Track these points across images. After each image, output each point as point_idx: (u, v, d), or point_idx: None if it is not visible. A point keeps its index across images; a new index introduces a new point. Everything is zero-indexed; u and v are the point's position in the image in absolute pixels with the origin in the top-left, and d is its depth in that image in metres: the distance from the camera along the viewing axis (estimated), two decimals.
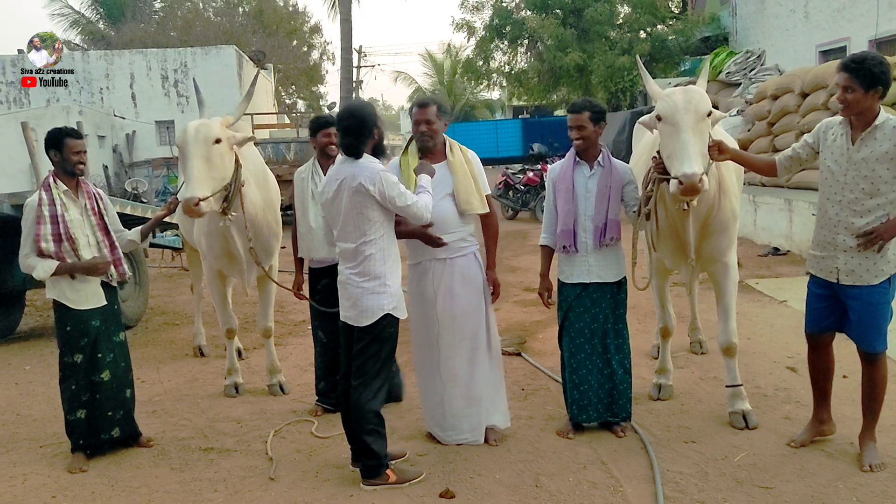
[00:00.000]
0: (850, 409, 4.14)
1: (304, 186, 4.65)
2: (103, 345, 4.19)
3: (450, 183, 4.02)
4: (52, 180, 4.11)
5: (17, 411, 5.19)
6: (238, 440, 4.42)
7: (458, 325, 4.08)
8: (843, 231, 3.56)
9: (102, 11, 31.26)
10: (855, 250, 3.54)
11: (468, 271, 4.10)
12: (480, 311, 4.14)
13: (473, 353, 4.12)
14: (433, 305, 4.07)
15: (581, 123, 4.05)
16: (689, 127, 3.57)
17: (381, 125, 3.72)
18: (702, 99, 3.68)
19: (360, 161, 3.58)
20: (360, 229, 3.58)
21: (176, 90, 22.70)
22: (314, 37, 35.26)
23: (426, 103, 4.06)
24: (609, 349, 4.16)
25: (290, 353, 6.29)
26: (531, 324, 6.83)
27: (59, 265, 4.04)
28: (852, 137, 3.54)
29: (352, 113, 3.65)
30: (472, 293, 4.10)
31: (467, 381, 4.10)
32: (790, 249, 9.42)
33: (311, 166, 4.69)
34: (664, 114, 3.67)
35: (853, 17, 13.36)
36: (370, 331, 3.62)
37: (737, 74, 15.74)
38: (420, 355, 4.25)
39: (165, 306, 8.74)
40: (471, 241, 4.14)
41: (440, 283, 4.05)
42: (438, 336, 4.09)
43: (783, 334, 5.97)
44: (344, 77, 19.62)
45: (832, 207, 3.60)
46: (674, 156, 3.58)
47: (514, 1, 22.08)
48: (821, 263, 3.71)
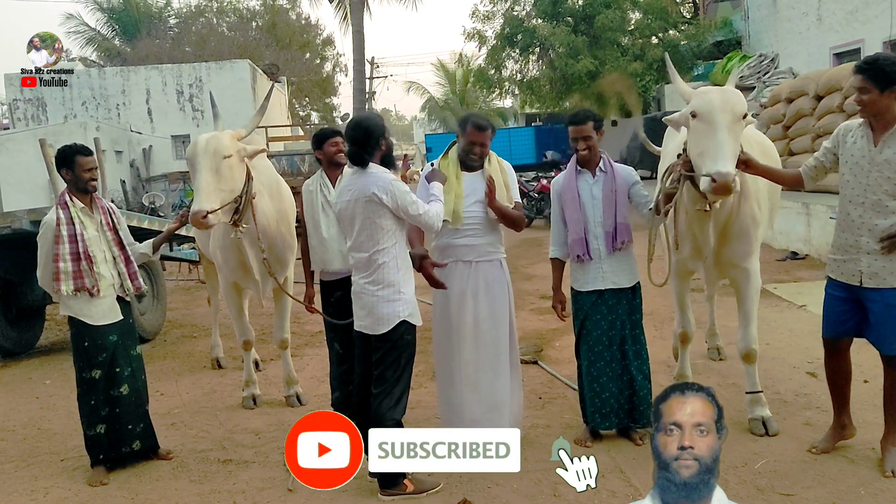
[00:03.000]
0: (872, 414, 4.09)
1: (313, 199, 4.62)
2: (121, 359, 4.22)
3: (483, 190, 4.08)
4: (68, 198, 4.12)
5: (38, 425, 5.24)
6: (256, 452, 4.44)
7: (482, 330, 4.09)
8: (867, 233, 3.52)
9: (118, 28, 31.63)
10: (878, 252, 3.50)
11: (493, 277, 4.12)
12: (504, 318, 4.14)
13: (496, 359, 4.12)
14: (457, 308, 4.09)
15: (586, 134, 4.07)
16: (726, 126, 3.52)
17: (389, 137, 3.79)
18: (739, 100, 3.65)
19: (369, 171, 3.62)
20: (374, 238, 3.60)
21: (191, 105, 22.91)
22: (327, 49, 35.50)
23: (485, 127, 4.10)
24: (627, 355, 4.14)
25: (306, 363, 6.31)
26: (547, 332, 6.81)
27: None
28: (874, 139, 3.51)
29: (358, 123, 3.72)
30: (496, 299, 4.11)
31: (489, 388, 4.09)
32: (808, 253, 9.35)
33: (318, 178, 4.66)
34: (701, 111, 3.60)
35: (867, 18, 13.26)
36: (388, 338, 3.63)
37: (750, 78, 15.70)
38: (441, 361, 4.25)
39: (183, 319, 8.80)
40: (498, 249, 4.18)
41: (466, 287, 4.08)
42: (460, 340, 4.10)
43: (802, 339, 5.91)
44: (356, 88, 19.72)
45: (854, 210, 3.57)
46: (707, 154, 3.52)
47: (525, 9, 22.10)
48: (842, 267, 3.67)
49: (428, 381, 5.33)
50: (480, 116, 4.21)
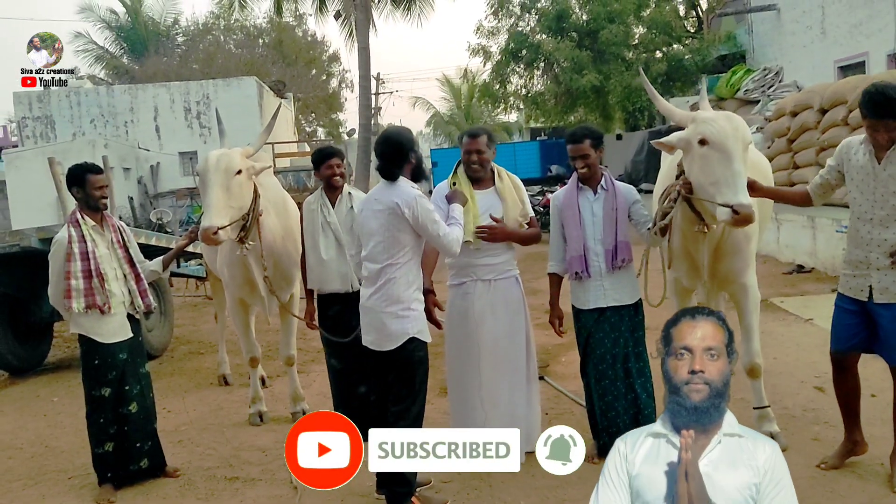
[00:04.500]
0: (881, 429, 4.06)
1: (313, 218, 4.59)
2: (130, 377, 4.24)
3: (499, 207, 4.14)
4: (79, 216, 4.15)
5: (45, 443, 5.25)
6: (263, 469, 4.44)
7: (501, 348, 4.12)
8: (876, 249, 3.53)
9: (126, 46, 31.92)
10: (888, 268, 3.50)
11: (510, 294, 4.17)
12: (521, 335, 4.18)
13: (514, 376, 4.15)
14: (476, 327, 4.11)
15: (584, 152, 4.05)
16: (740, 155, 3.46)
17: (419, 151, 3.82)
18: (746, 129, 3.62)
19: (397, 184, 3.64)
20: (388, 252, 3.58)
21: (199, 122, 23.04)
22: (333, 65, 35.69)
23: (477, 133, 4.16)
24: (631, 373, 4.13)
25: (313, 380, 6.31)
26: (553, 347, 6.79)
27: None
28: (877, 156, 3.53)
29: (387, 138, 3.74)
30: (513, 316, 4.16)
31: (508, 405, 4.11)
32: (815, 267, 9.31)
33: (319, 198, 4.62)
34: (714, 139, 3.49)
35: (871, 32, 13.27)
36: (398, 356, 3.61)
37: (755, 92, 15.69)
38: (457, 379, 4.25)
39: (190, 335, 8.82)
40: (513, 265, 4.25)
41: (484, 305, 4.11)
42: (479, 358, 4.11)
43: (810, 353, 5.88)
44: (362, 104, 19.74)
45: (864, 226, 3.58)
46: (723, 183, 3.44)
47: (530, 25, 22.22)
48: (851, 282, 3.67)
49: (434, 398, 5.32)
50: (475, 126, 4.26)
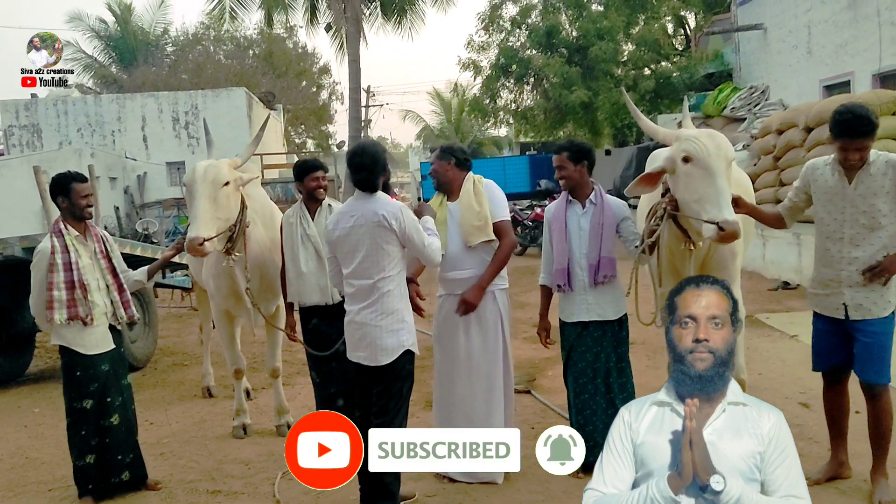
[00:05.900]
0: (864, 445, 4.05)
1: (292, 231, 4.54)
2: (112, 389, 4.19)
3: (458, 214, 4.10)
4: (62, 226, 4.11)
5: (25, 454, 5.18)
6: (246, 482, 4.40)
7: (475, 363, 4.11)
8: (847, 266, 3.57)
9: (115, 56, 31.83)
10: (860, 284, 3.55)
11: (483, 310, 4.11)
12: (497, 351, 4.14)
13: (489, 393, 4.12)
14: (450, 342, 4.12)
15: (560, 164, 4.11)
16: (723, 172, 3.48)
17: (389, 165, 3.82)
18: (729, 146, 3.65)
19: (376, 196, 3.63)
20: (380, 265, 3.56)
21: (187, 132, 23.00)
22: (323, 77, 35.73)
23: (434, 149, 4.17)
24: (612, 388, 4.13)
25: (298, 392, 6.27)
26: (540, 360, 6.79)
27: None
28: (847, 175, 3.57)
29: (364, 149, 3.73)
30: (487, 331, 4.13)
31: (484, 421, 4.08)
32: (800, 283, 9.37)
33: (298, 210, 4.56)
34: (697, 156, 3.50)
35: (856, 52, 13.44)
36: (390, 370, 3.58)
37: (741, 110, 15.84)
38: (440, 392, 4.27)
39: (175, 347, 8.75)
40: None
41: (457, 320, 4.09)
42: (456, 374, 4.12)
43: (795, 369, 5.91)
44: (352, 116, 19.75)
45: (833, 245, 3.63)
46: (707, 200, 3.46)
47: (520, 41, 22.35)
48: (825, 301, 3.70)
49: (420, 411, 5.30)
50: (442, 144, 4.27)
